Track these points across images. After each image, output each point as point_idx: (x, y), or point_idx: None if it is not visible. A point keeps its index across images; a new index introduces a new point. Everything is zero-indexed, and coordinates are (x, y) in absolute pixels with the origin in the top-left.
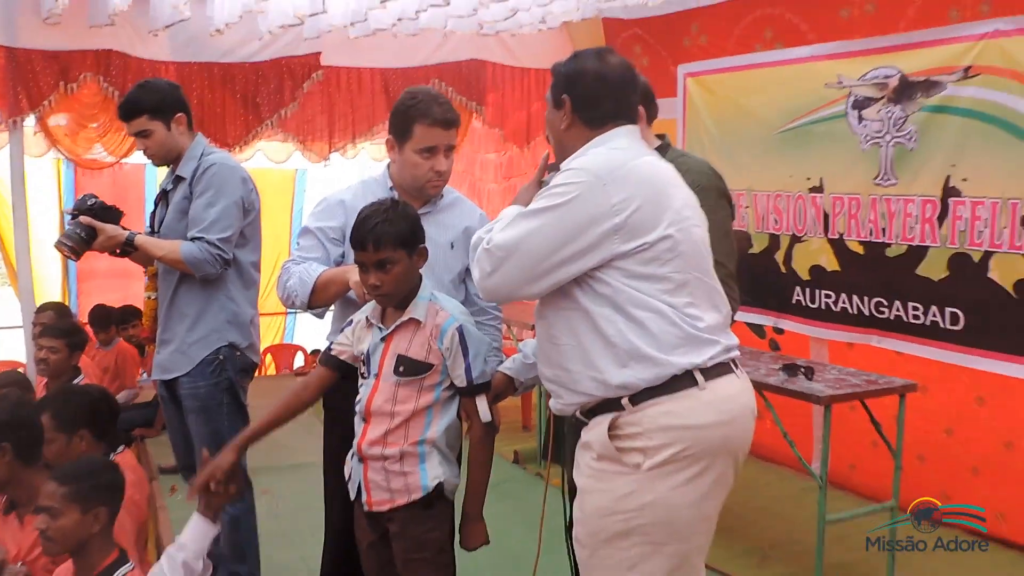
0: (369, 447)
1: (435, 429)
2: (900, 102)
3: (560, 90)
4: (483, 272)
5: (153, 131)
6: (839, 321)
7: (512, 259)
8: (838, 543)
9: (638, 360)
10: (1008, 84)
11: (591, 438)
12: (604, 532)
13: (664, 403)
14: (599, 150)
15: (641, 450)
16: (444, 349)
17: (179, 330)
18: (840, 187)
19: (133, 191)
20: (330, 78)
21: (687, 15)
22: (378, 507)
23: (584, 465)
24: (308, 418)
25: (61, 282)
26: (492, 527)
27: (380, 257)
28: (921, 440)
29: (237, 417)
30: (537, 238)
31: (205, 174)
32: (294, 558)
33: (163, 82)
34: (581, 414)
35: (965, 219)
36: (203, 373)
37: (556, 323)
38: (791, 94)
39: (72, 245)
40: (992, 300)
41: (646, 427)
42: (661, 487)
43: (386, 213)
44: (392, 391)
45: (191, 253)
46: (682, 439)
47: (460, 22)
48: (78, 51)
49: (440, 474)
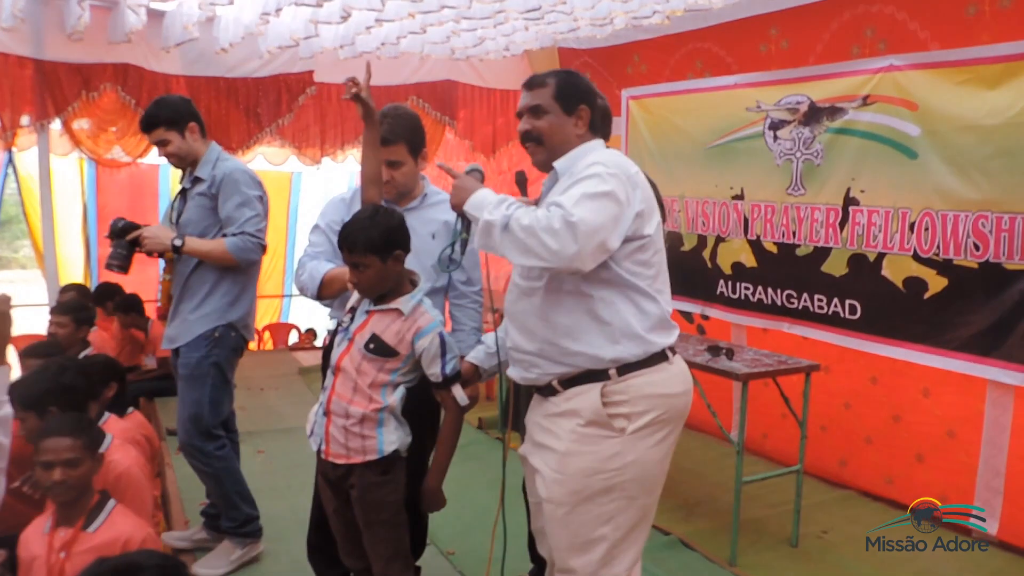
0: (336, 402)
1: (393, 399)
2: (809, 124)
3: (579, 101)
4: (565, 244)
5: (170, 140)
6: (756, 310)
7: (598, 234)
8: (752, 501)
9: (630, 338)
10: (899, 111)
11: (578, 405)
12: (587, 490)
13: (646, 374)
14: (612, 152)
15: (626, 415)
16: (420, 347)
17: (187, 307)
18: (758, 195)
19: (148, 187)
20: (322, 93)
21: (630, 47)
22: (335, 459)
23: (567, 431)
24: (299, 387)
25: (84, 266)
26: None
27: (354, 260)
28: (823, 413)
29: (220, 390)
30: (605, 216)
31: (226, 181)
32: (285, 509)
33: (176, 97)
34: (559, 383)
35: (862, 225)
36: (198, 346)
37: (551, 303)
38: (717, 116)
39: (119, 263)
40: (885, 293)
41: (631, 395)
42: (641, 447)
43: (365, 221)
44: (359, 360)
45: (236, 246)
46: (659, 406)
47: (435, 47)
48: (99, 64)
49: (395, 439)
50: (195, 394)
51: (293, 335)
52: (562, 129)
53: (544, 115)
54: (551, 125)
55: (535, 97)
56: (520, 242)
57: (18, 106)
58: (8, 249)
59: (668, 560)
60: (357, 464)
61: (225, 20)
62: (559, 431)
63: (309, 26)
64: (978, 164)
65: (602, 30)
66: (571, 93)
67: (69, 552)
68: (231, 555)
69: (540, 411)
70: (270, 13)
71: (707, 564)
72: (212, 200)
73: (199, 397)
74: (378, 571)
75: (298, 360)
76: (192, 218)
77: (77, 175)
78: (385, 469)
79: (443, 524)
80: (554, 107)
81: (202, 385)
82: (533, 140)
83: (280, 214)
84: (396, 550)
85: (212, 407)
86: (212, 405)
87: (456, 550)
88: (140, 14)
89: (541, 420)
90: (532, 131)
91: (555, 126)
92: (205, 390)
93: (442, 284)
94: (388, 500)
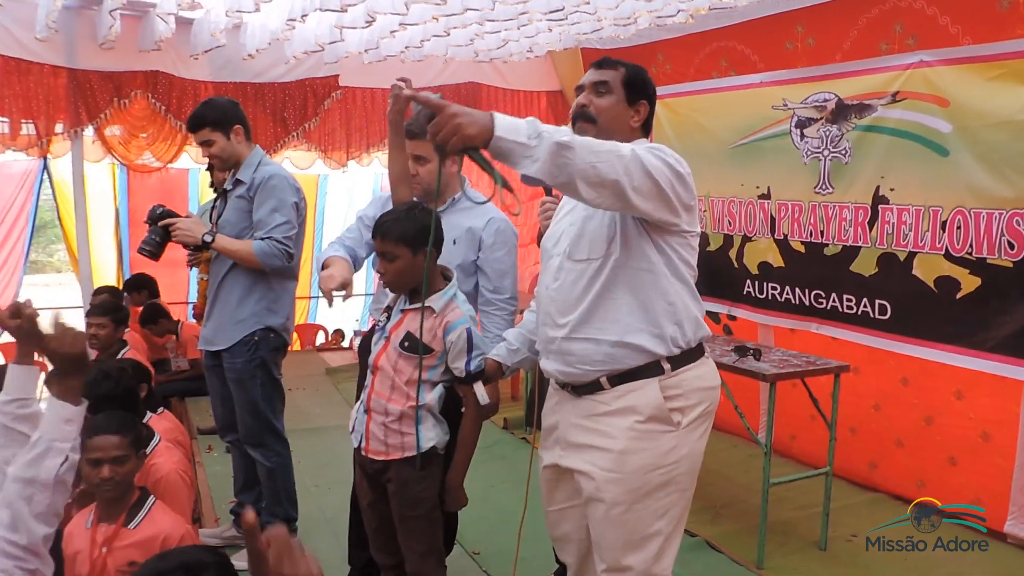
0: (376, 400)
1: (431, 396)
2: (836, 122)
3: (641, 94)
4: (633, 166)
5: (215, 140)
6: (783, 310)
7: (659, 173)
8: (780, 503)
9: (690, 321)
10: (930, 107)
11: (635, 402)
12: (647, 486)
13: (694, 368)
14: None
15: (680, 409)
16: (449, 341)
17: (223, 311)
18: (785, 194)
19: (178, 191)
20: (347, 97)
21: (654, 46)
22: (374, 455)
23: (622, 428)
24: (327, 387)
25: (116, 269)
26: (484, 485)
27: (384, 249)
28: (852, 415)
29: (269, 387)
30: (663, 174)
31: (265, 185)
32: (313, 508)
33: (224, 100)
34: (607, 380)
35: (892, 223)
36: (240, 352)
37: (608, 283)
38: (743, 115)
39: (151, 248)
40: (916, 293)
41: (685, 389)
42: (692, 439)
43: (402, 213)
44: (395, 359)
45: (262, 250)
46: (707, 398)
47: (459, 50)
48: (129, 72)
49: (433, 437)
50: (248, 395)
51: (320, 336)
52: (620, 116)
53: (607, 95)
54: (611, 107)
55: (603, 75)
56: (595, 154)
57: (52, 114)
58: (44, 253)
59: (694, 562)
60: (395, 459)
61: (252, 26)
62: (611, 430)
63: (334, 31)
64: (1012, 161)
65: (626, 30)
66: (638, 85)
67: (111, 547)
68: None
69: (577, 411)
70: (296, 19)
71: (734, 567)
72: (250, 202)
73: (252, 397)
74: (412, 567)
75: (326, 360)
76: (230, 219)
77: (109, 181)
78: (422, 465)
79: (469, 524)
80: (620, 91)
81: (252, 387)
82: (587, 118)
83: (307, 217)
84: (430, 546)
85: (267, 404)
86: (266, 402)
87: (482, 550)
88: (169, 22)
89: (581, 420)
90: (589, 107)
91: (615, 110)
92: (256, 391)
93: (467, 290)
94: (424, 496)
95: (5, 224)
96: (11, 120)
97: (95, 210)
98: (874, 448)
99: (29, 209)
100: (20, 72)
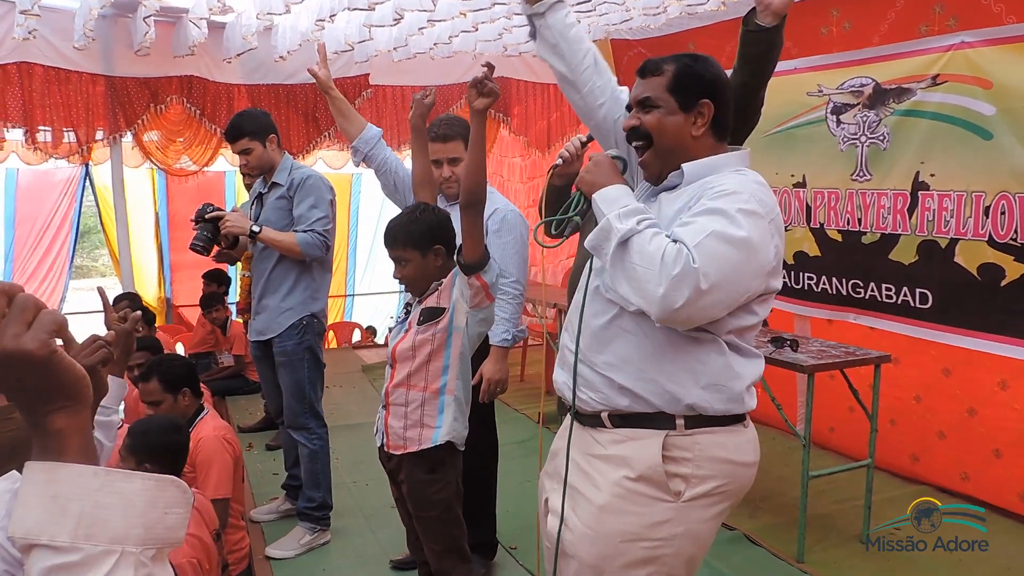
0: (394, 390)
1: (452, 379)
2: (874, 107)
3: (700, 95)
4: (674, 293)
5: (252, 149)
6: (820, 300)
7: (718, 288)
8: (820, 496)
9: (719, 390)
10: (972, 90)
11: (629, 453)
12: (622, 557)
13: (719, 434)
14: (752, 178)
15: (685, 477)
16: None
17: (272, 302)
18: (821, 182)
19: (215, 193)
20: (378, 95)
21: (685, 35)
22: (392, 450)
23: (610, 481)
24: (362, 384)
25: (157, 271)
26: (520, 479)
27: (396, 255)
28: (893, 406)
29: (315, 370)
30: (735, 267)
31: (304, 184)
32: (351, 504)
33: (258, 111)
34: (609, 417)
35: (933, 210)
36: (290, 336)
37: (642, 326)
38: (777, 102)
39: (202, 244)
40: (958, 281)
41: (696, 455)
42: (694, 518)
43: (405, 217)
44: (413, 339)
45: (305, 241)
46: (725, 474)
47: (488, 45)
48: (165, 77)
49: (451, 431)
50: (295, 376)
51: (356, 333)
52: (675, 130)
53: (654, 109)
54: (660, 123)
55: (646, 87)
56: (631, 268)
57: (92, 121)
58: (88, 258)
59: (732, 556)
60: (408, 455)
61: (282, 28)
62: (599, 479)
63: (363, 30)
64: None
65: (656, 20)
66: (691, 85)
67: None
68: (301, 539)
69: (577, 445)
70: (325, 19)
71: (773, 560)
72: (290, 201)
73: (299, 379)
74: (433, 564)
75: (361, 358)
76: (270, 218)
77: (149, 185)
78: (433, 467)
79: (506, 519)
80: (668, 101)
81: (300, 368)
82: (641, 138)
83: (341, 215)
84: (449, 545)
85: (311, 385)
86: (311, 384)
87: (519, 545)
88: (202, 27)
89: (577, 457)
90: (640, 127)
91: (667, 125)
92: (303, 372)
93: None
94: (436, 498)
95: (50, 230)
96: (53, 129)
97: (135, 214)
98: (915, 440)
99: (73, 215)
100: (60, 81)
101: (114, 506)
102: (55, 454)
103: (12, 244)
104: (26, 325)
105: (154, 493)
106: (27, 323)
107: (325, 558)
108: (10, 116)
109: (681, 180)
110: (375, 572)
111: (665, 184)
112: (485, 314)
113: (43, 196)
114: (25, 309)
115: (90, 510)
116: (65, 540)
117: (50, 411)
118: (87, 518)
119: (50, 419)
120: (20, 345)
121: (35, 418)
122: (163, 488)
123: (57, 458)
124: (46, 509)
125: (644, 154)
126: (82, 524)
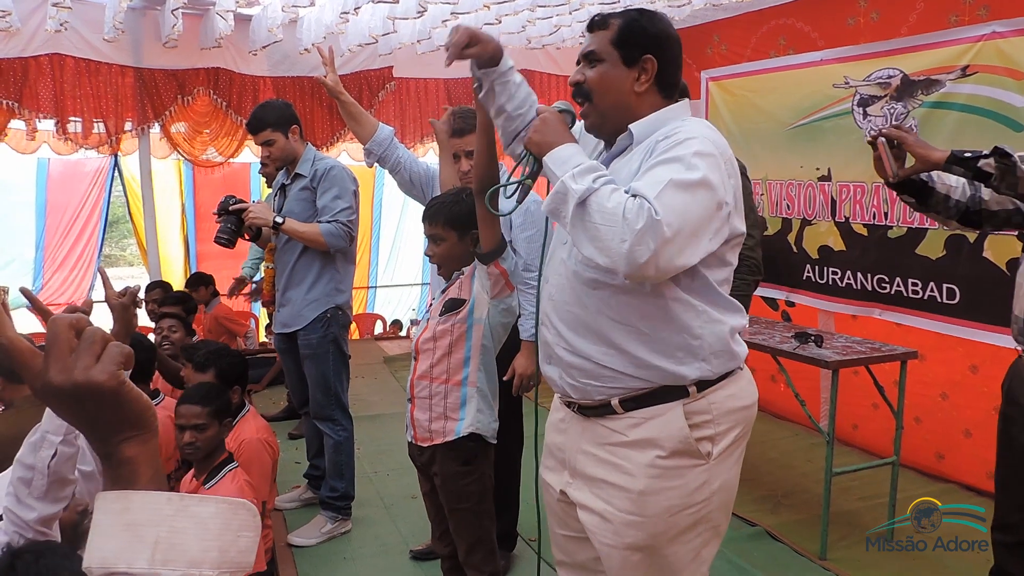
0: (418, 382)
1: (474, 371)
2: (902, 99)
3: (642, 50)
4: (640, 246)
5: (275, 140)
6: (845, 295)
7: (679, 240)
8: (843, 493)
9: (718, 355)
10: (1003, 81)
11: (656, 434)
12: (672, 530)
13: (726, 387)
14: (702, 123)
15: (710, 438)
16: (471, 274)
17: (297, 295)
18: (846, 176)
19: (241, 185)
20: (401, 88)
21: (709, 27)
22: (421, 443)
23: (641, 465)
24: (385, 375)
25: (183, 261)
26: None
27: (432, 232)
28: (917, 403)
29: (340, 362)
30: (695, 214)
31: (327, 175)
32: (372, 495)
33: (280, 102)
34: (620, 403)
35: None
36: (315, 328)
37: (624, 303)
38: (802, 94)
39: (227, 237)
40: (987, 276)
41: (716, 413)
42: (723, 470)
43: (451, 197)
44: (434, 329)
45: (329, 231)
46: (741, 420)
47: (511, 38)
48: (192, 69)
49: (475, 422)
50: (321, 368)
51: (378, 325)
52: (615, 84)
53: (598, 63)
54: (602, 77)
55: (592, 41)
56: (593, 228)
57: (121, 113)
58: (117, 248)
59: (754, 552)
60: (440, 447)
61: (307, 21)
62: (629, 465)
63: (387, 23)
64: None
65: (680, 11)
66: (636, 39)
67: None
68: (322, 527)
69: (587, 437)
70: (349, 12)
71: (796, 557)
72: (313, 192)
73: (325, 371)
74: (461, 556)
75: (384, 349)
76: (293, 209)
77: (176, 176)
78: (467, 459)
79: (526, 511)
80: (611, 54)
81: (325, 360)
82: (583, 95)
83: (365, 207)
84: (479, 538)
85: (336, 377)
86: (336, 376)
87: (537, 537)
88: (228, 20)
89: (593, 449)
90: (583, 83)
91: (608, 79)
92: (329, 364)
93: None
94: (470, 490)
95: (80, 220)
96: (83, 119)
97: (162, 205)
98: (941, 438)
99: (102, 205)
100: (90, 72)
101: (189, 531)
102: (127, 483)
103: (43, 232)
104: (95, 357)
105: (227, 517)
106: (96, 355)
107: (346, 547)
108: (42, 107)
109: (631, 141)
110: (395, 561)
111: (615, 150)
112: (507, 304)
113: (73, 186)
114: (94, 342)
115: (166, 536)
116: (143, 566)
117: (121, 440)
118: (164, 544)
119: (121, 448)
120: (90, 377)
121: (107, 448)
122: (235, 512)
123: (129, 486)
124: (122, 537)
125: (588, 112)
126: (159, 550)
